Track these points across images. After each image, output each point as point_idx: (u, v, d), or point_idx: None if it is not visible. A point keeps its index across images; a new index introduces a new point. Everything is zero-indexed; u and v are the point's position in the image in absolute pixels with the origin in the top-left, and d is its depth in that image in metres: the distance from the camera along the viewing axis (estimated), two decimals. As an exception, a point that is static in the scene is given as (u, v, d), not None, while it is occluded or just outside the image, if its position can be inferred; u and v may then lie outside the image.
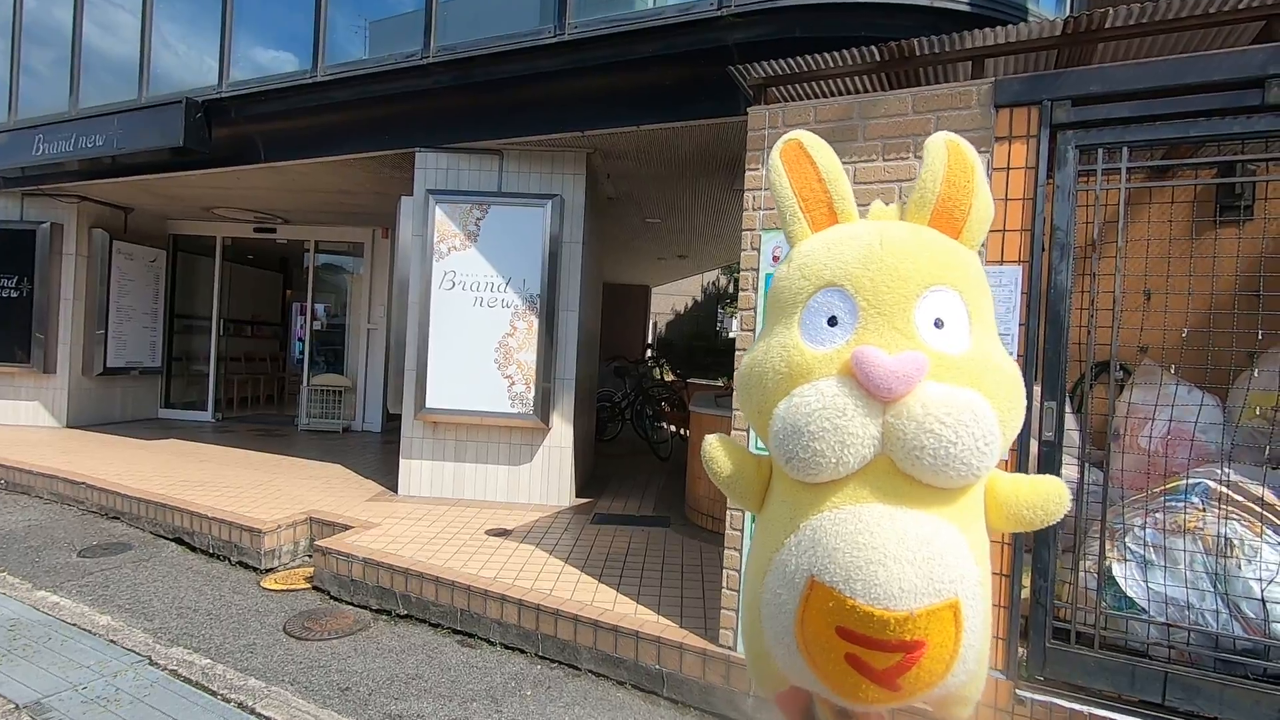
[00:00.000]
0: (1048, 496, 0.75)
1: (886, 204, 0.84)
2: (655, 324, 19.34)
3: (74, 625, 3.44)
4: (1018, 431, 0.72)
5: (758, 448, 0.87)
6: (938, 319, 0.71)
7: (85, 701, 2.79)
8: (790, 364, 0.73)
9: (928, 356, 0.67)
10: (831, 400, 0.67)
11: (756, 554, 0.76)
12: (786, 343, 0.74)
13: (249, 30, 6.21)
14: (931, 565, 0.62)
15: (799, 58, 2.85)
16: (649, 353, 14.26)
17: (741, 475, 0.80)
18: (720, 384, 10.99)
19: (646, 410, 8.55)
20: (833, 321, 0.73)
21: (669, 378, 11.12)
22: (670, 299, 20.04)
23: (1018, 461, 2.40)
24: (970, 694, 0.71)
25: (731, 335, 19.44)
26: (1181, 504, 2.34)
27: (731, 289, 19.95)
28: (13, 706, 2.72)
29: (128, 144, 6.29)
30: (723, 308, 20.50)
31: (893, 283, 0.71)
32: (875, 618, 0.60)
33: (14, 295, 7.86)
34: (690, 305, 20.56)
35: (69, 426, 8.01)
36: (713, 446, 0.82)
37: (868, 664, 0.62)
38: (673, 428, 8.77)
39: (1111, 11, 2.36)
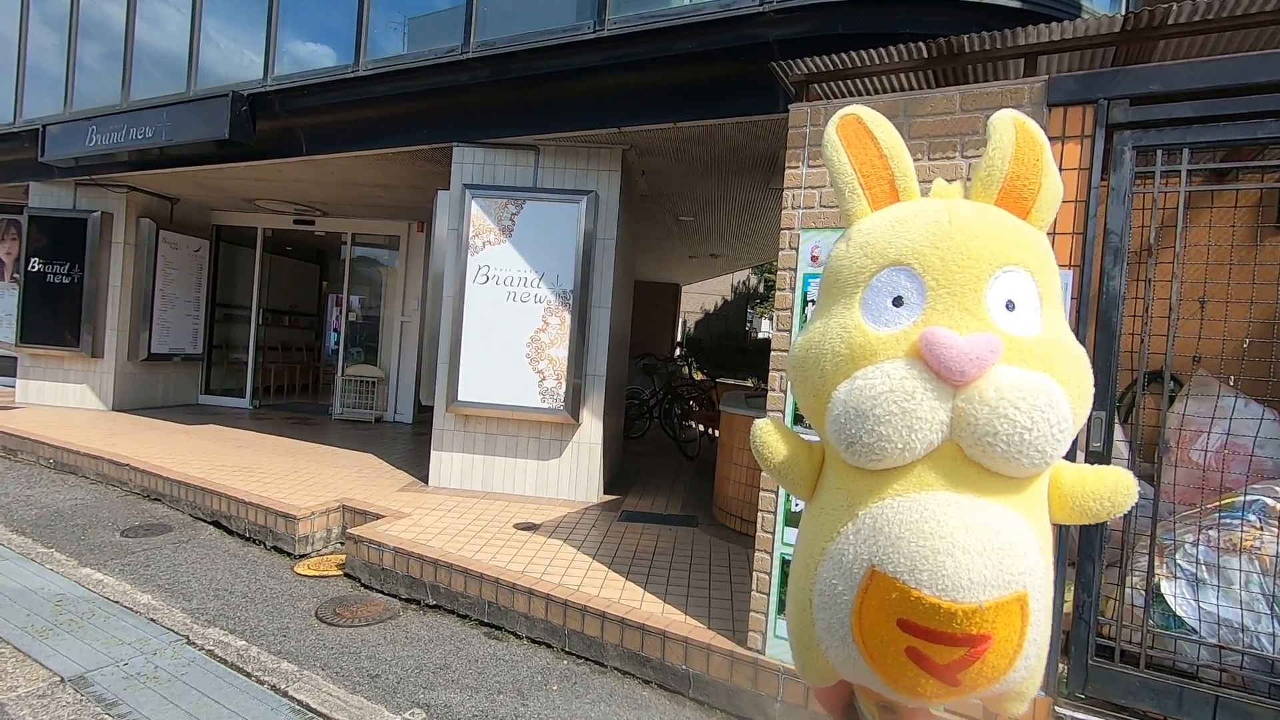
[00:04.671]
0: (1116, 487, 0.72)
1: (949, 182, 0.80)
2: (684, 322, 19.29)
3: (116, 602, 3.55)
4: (1086, 417, 0.69)
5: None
6: (1009, 300, 0.68)
7: (126, 677, 2.87)
8: (852, 345, 0.69)
9: (1000, 339, 0.64)
10: (899, 383, 0.64)
11: (806, 544, 0.73)
12: (847, 323, 0.71)
13: (293, 25, 6.32)
14: (1001, 556, 0.60)
15: (843, 54, 2.80)
16: (678, 351, 14.23)
17: (795, 461, 0.77)
18: (750, 384, 10.92)
19: (675, 409, 8.52)
20: (898, 302, 0.70)
21: (698, 376, 11.07)
22: (700, 298, 19.99)
23: (1063, 472, 2.32)
24: (1028, 690, 0.68)
25: (762, 335, 19.33)
26: (1238, 521, 2.25)
27: (762, 289, 19.82)
28: (58, 679, 2.81)
29: (176, 135, 6.46)
30: (752, 307, 20.38)
31: (964, 262, 0.68)
32: (942, 610, 0.58)
33: (66, 281, 8.13)
34: (720, 304, 20.49)
35: (114, 410, 8.27)
36: (764, 431, 0.79)
37: (929, 658, 0.60)
38: (700, 427, 8.73)
39: (1175, 7, 2.27)
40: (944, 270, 0.68)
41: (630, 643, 3.21)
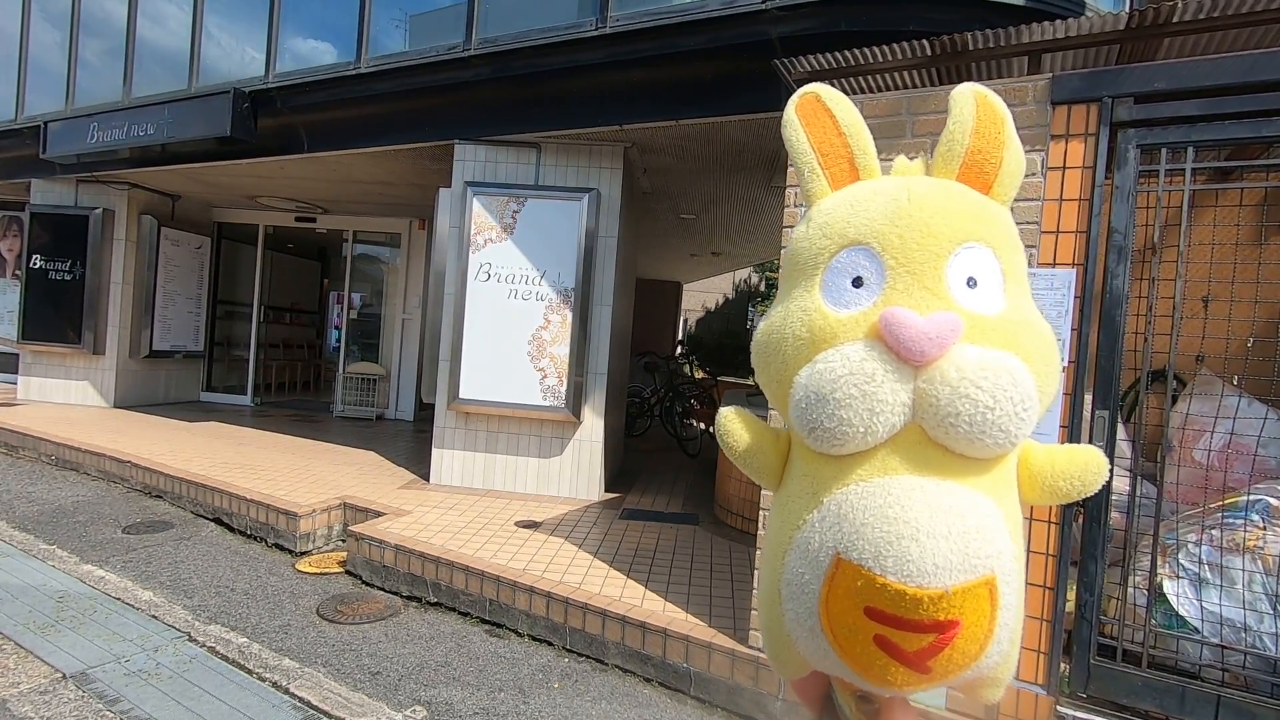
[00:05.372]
0: (1085, 466, 0.70)
1: (910, 159, 0.79)
2: (686, 320, 19.28)
3: (118, 599, 3.55)
4: (1054, 397, 0.67)
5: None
6: (970, 277, 0.66)
7: (128, 674, 2.87)
8: (812, 329, 0.68)
9: (961, 317, 0.63)
10: (859, 365, 0.62)
11: (774, 534, 0.71)
12: (807, 306, 0.69)
13: (294, 22, 6.31)
14: (967, 539, 0.58)
15: (847, 51, 2.79)
16: (679, 349, 14.22)
17: (759, 449, 0.75)
18: (751, 382, 10.90)
19: (676, 407, 8.52)
20: (858, 283, 0.68)
21: (699, 375, 11.06)
22: (701, 296, 19.96)
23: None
24: (1002, 675, 0.66)
25: (762, 334, 19.27)
26: (1241, 521, 2.24)
27: (763, 287, 19.80)
28: (60, 676, 2.82)
29: (177, 133, 6.45)
30: (753, 305, 20.36)
31: (923, 239, 0.66)
32: (907, 596, 0.56)
33: (68, 278, 8.13)
34: (721, 302, 20.46)
35: (116, 407, 8.27)
36: (728, 419, 0.78)
37: (898, 646, 0.58)
38: (702, 425, 8.73)
39: (1180, 4, 2.26)
40: (903, 248, 0.66)
41: (631, 641, 3.21)
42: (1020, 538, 0.65)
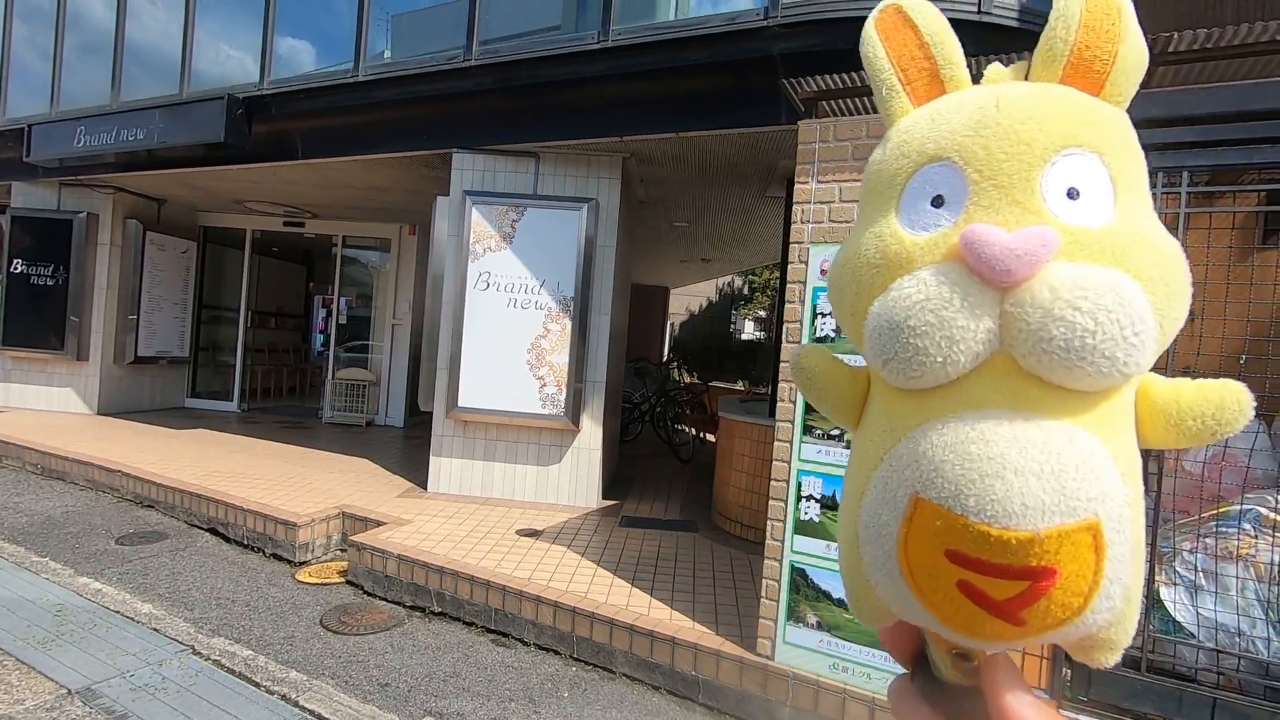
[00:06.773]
0: (1221, 402, 0.56)
1: (1005, 64, 0.73)
2: (671, 324, 19.36)
3: (117, 612, 3.51)
4: (1180, 324, 0.60)
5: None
6: (1072, 188, 0.57)
7: (134, 689, 2.85)
8: (886, 254, 0.61)
9: (1058, 231, 0.54)
10: (935, 290, 0.56)
11: (853, 475, 0.64)
12: (882, 231, 0.63)
13: (290, 28, 6.27)
14: (1063, 478, 0.51)
15: (852, 73, 2.86)
16: (670, 357, 14.29)
17: (834, 384, 0.69)
18: (740, 387, 11.00)
19: (668, 412, 8.57)
20: (938, 202, 0.60)
21: (688, 379, 11.14)
22: (685, 299, 20.05)
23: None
24: (1119, 638, 0.57)
25: (745, 336, 19.45)
26: (1233, 530, 2.34)
27: (746, 290, 19.95)
28: (65, 691, 2.79)
29: (168, 138, 6.38)
30: (736, 309, 20.50)
31: (1012, 148, 0.58)
32: (992, 538, 0.50)
33: (50, 283, 7.99)
34: (704, 305, 20.57)
35: (100, 414, 8.13)
36: (807, 354, 0.72)
37: (984, 592, 0.52)
38: (692, 430, 8.80)
39: (1176, 36, 2.36)
40: (988, 160, 0.58)
41: (639, 649, 3.25)
42: (1139, 482, 0.56)
